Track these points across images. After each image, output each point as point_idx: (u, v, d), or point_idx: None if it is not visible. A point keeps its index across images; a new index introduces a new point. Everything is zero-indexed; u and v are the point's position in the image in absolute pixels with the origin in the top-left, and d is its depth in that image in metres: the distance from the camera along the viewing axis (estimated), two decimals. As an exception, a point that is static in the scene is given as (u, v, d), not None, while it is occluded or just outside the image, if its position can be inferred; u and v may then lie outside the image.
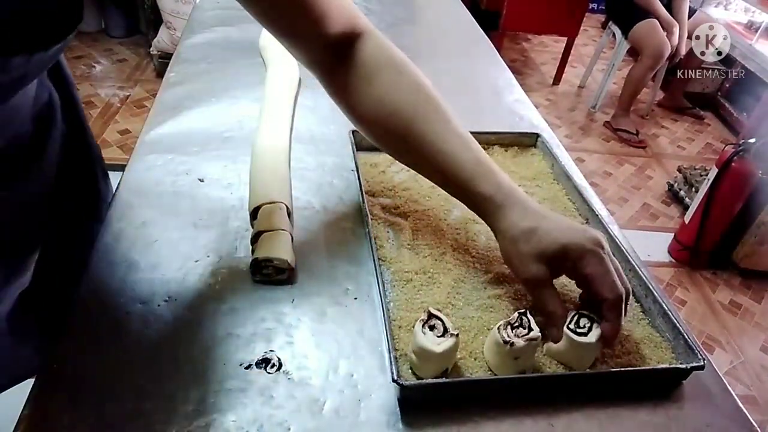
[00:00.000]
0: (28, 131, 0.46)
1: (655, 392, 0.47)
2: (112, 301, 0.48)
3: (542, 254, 0.47)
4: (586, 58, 3.50)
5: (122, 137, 2.32)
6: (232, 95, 0.80)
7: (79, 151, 0.58)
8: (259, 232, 0.53)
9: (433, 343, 0.42)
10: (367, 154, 0.69)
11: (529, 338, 0.43)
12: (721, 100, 3.21)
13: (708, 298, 1.99)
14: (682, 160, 2.71)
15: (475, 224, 0.61)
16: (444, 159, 0.51)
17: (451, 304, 0.51)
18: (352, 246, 0.57)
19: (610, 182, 2.56)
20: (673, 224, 2.30)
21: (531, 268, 0.47)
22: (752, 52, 2.56)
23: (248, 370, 0.44)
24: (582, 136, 2.89)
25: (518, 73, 3.29)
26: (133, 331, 0.46)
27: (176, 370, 0.43)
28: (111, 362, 0.43)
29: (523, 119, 0.85)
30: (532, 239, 0.47)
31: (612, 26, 2.95)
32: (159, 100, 0.77)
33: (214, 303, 0.49)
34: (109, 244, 0.53)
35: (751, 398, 1.65)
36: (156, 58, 2.73)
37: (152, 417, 0.40)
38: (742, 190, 1.90)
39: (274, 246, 0.51)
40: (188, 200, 0.60)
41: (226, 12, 1.06)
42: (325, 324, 0.49)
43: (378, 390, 0.44)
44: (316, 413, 0.42)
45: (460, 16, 1.29)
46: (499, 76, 1.00)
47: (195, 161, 0.66)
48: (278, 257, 0.50)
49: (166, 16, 2.59)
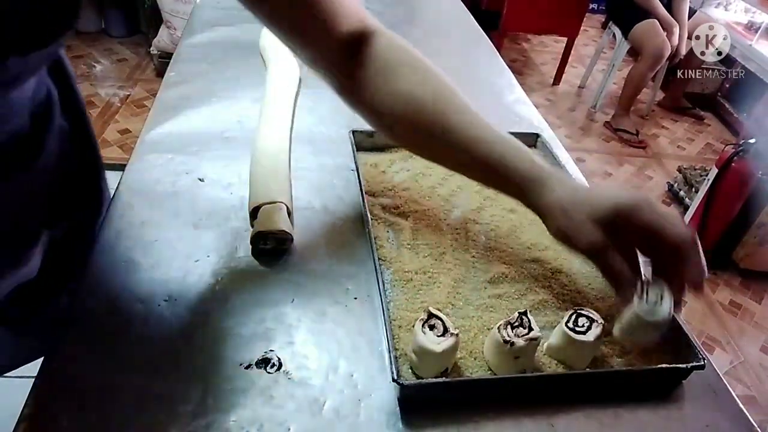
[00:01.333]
0: (26, 126, 0.47)
1: (655, 392, 0.47)
2: (112, 301, 0.48)
3: (595, 217, 0.45)
4: (586, 58, 3.50)
5: (122, 137, 2.32)
6: (232, 95, 0.80)
7: (80, 146, 0.58)
8: (256, 207, 0.55)
9: (433, 342, 0.42)
10: (367, 154, 0.69)
11: (530, 338, 0.43)
12: (721, 101, 3.21)
13: (708, 299, 1.99)
14: (682, 161, 2.71)
15: (475, 224, 0.61)
16: (472, 145, 0.50)
17: (451, 304, 0.51)
18: (352, 246, 0.57)
19: (610, 182, 2.56)
20: (673, 224, 2.29)
21: (589, 235, 0.46)
22: (752, 52, 2.56)
23: (248, 370, 0.44)
24: (582, 136, 2.89)
25: (518, 73, 3.29)
26: (133, 331, 0.46)
27: (176, 370, 0.43)
28: (111, 362, 0.43)
29: (523, 119, 0.86)
30: (583, 205, 0.46)
31: (612, 26, 2.95)
32: (159, 100, 0.77)
33: (214, 303, 0.49)
34: (109, 244, 0.53)
35: (751, 398, 1.65)
36: (156, 57, 2.73)
37: (152, 417, 0.40)
38: (742, 190, 1.90)
39: (273, 219, 0.53)
40: (188, 200, 0.60)
41: (226, 12, 1.06)
42: (325, 324, 0.49)
43: (378, 390, 0.44)
44: (316, 413, 0.42)
45: (460, 16, 1.29)
46: (499, 76, 1.00)
47: (195, 161, 0.66)
48: (278, 229, 0.52)
49: (166, 16, 2.59)
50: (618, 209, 0.45)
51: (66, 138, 0.54)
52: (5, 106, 0.41)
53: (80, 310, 0.47)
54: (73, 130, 0.56)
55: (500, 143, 0.50)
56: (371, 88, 0.52)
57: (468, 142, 0.51)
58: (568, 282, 0.55)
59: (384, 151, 0.71)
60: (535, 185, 0.49)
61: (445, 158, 0.55)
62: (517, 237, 0.60)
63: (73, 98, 0.56)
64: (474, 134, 0.51)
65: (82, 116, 0.58)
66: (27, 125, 0.47)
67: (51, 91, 0.52)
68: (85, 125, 0.59)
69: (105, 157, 0.67)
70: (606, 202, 0.46)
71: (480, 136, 0.51)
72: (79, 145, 0.58)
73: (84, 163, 0.60)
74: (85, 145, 0.59)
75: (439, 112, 0.51)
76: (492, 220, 0.62)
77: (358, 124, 0.60)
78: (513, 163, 0.49)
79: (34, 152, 0.48)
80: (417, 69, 0.53)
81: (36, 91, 0.48)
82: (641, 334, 0.45)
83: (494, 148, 0.50)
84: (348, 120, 0.77)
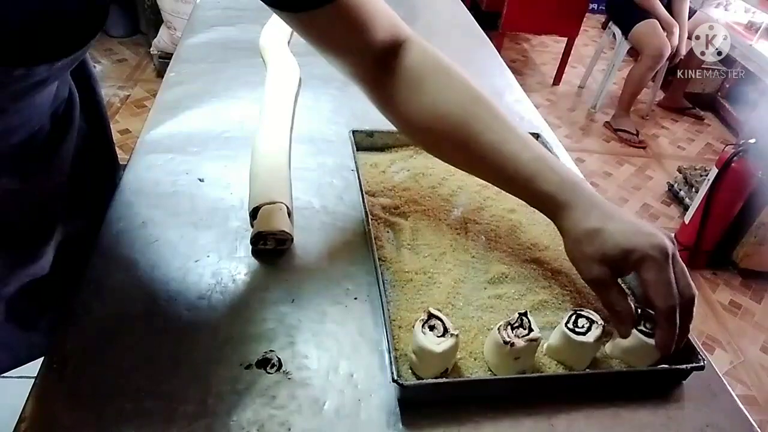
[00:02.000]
0: (46, 128, 0.46)
1: (655, 392, 0.47)
2: (112, 301, 0.48)
3: (604, 257, 0.46)
4: (586, 59, 3.50)
5: (122, 137, 2.32)
6: (232, 95, 0.80)
7: (98, 146, 0.58)
8: (256, 207, 0.55)
9: (433, 343, 0.42)
10: (367, 154, 0.69)
11: (530, 339, 0.43)
12: (721, 101, 3.21)
13: (708, 299, 1.99)
14: (682, 161, 2.71)
15: (475, 224, 0.61)
16: (503, 159, 0.50)
17: (451, 304, 0.51)
18: (352, 246, 0.57)
19: (610, 182, 2.56)
20: (673, 224, 2.30)
21: (593, 270, 0.47)
22: (752, 52, 2.55)
23: (248, 370, 0.44)
24: (582, 137, 2.89)
25: (518, 74, 3.29)
26: (133, 331, 0.46)
27: (176, 370, 0.43)
28: (111, 362, 0.43)
29: (523, 119, 0.86)
30: (596, 241, 0.46)
31: (612, 26, 2.95)
32: (159, 100, 0.77)
33: (214, 303, 0.49)
34: (109, 244, 0.53)
35: (751, 398, 1.65)
36: (156, 58, 2.73)
37: (152, 417, 0.40)
38: (742, 190, 1.90)
39: (273, 219, 0.53)
40: (188, 200, 0.60)
41: (227, 12, 1.06)
42: (325, 324, 0.49)
43: (378, 390, 0.44)
44: (316, 413, 0.42)
45: (460, 16, 1.29)
46: (499, 76, 1.00)
47: (195, 161, 0.66)
48: (278, 230, 0.52)
49: (166, 16, 2.59)
50: (626, 258, 0.45)
51: (85, 138, 0.54)
52: (29, 109, 0.41)
53: (80, 310, 0.47)
54: (91, 131, 0.56)
55: (529, 163, 0.50)
56: (403, 100, 0.52)
57: (498, 156, 0.51)
58: (568, 282, 0.55)
59: (384, 151, 0.71)
60: (559, 209, 0.49)
61: (477, 170, 0.55)
62: (517, 237, 0.60)
63: (94, 99, 0.56)
64: (505, 148, 0.50)
65: (101, 117, 0.58)
66: (47, 126, 0.47)
67: (73, 92, 0.51)
68: (104, 126, 0.59)
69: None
70: (617, 248, 0.46)
71: (509, 151, 0.50)
72: (97, 145, 0.58)
73: (100, 164, 0.60)
74: (102, 146, 0.59)
75: (470, 123, 0.51)
76: (492, 220, 0.62)
77: (357, 124, 0.60)
78: (542, 185, 0.49)
79: (53, 152, 0.48)
80: (449, 77, 0.52)
81: (58, 92, 0.47)
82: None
83: (526, 166, 0.50)
84: (348, 120, 0.77)
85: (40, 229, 0.51)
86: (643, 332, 0.46)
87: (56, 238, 0.53)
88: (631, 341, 0.46)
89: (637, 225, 0.46)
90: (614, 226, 0.46)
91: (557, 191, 0.49)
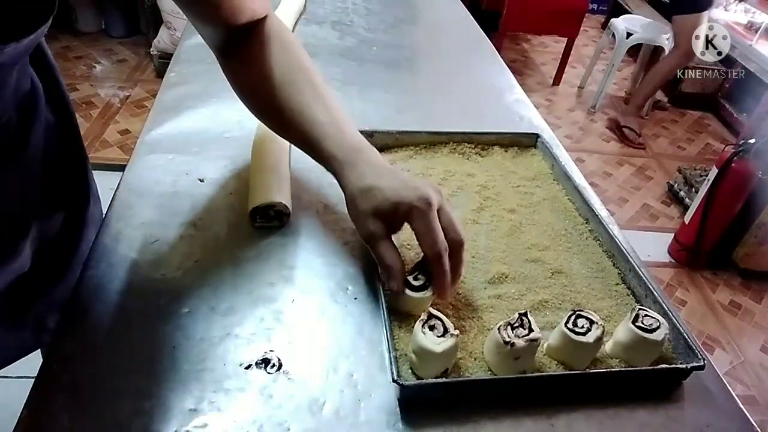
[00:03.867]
0: (12, 119, 0.47)
1: (655, 392, 0.47)
2: (112, 301, 0.48)
3: (376, 210, 0.49)
4: (586, 59, 3.50)
5: (122, 137, 2.32)
6: (232, 95, 0.79)
7: (66, 138, 0.59)
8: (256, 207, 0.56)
9: (433, 343, 0.42)
10: (367, 154, 0.69)
11: (530, 339, 0.43)
12: (721, 101, 3.21)
13: (708, 299, 1.99)
14: (682, 161, 2.71)
15: (474, 224, 0.61)
16: (303, 122, 0.54)
17: (451, 305, 0.51)
18: (352, 246, 0.57)
19: (610, 182, 2.56)
20: (673, 224, 2.30)
21: (369, 225, 0.49)
22: (752, 52, 2.56)
23: (248, 370, 0.44)
24: (582, 137, 2.89)
25: (518, 74, 3.29)
26: (132, 331, 0.46)
27: (176, 370, 0.43)
28: (110, 362, 0.43)
29: (523, 119, 0.85)
30: (368, 197, 0.49)
31: (612, 26, 2.95)
32: (159, 100, 0.77)
33: (214, 303, 0.49)
34: (109, 244, 0.53)
35: (751, 398, 1.65)
36: (156, 58, 2.73)
37: (152, 417, 0.40)
38: (742, 190, 1.90)
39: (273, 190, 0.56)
40: (188, 200, 0.60)
41: (226, 12, 1.06)
42: (325, 324, 0.49)
43: (378, 390, 0.44)
44: (315, 413, 0.42)
45: (460, 16, 1.29)
46: (499, 76, 1.00)
47: (195, 161, 0.66)
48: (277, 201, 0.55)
49: (166, 16, 2.59)
50: (395, 210, 0.48)
51: (52, 130, 0.55)
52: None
53: (80, 310, 0.47)
54: (58, 122, 0.56)
55: (323, 126, 0.54)
56: (244, 71, 0.58)
57: (299, 119, 0.55)
58: (568, 282, 0.55)
59: (384, 151, 0.71)
60: (340, 168, 0.52)
61: (290, 136, 0.59)
62: (517, 237, 0.60)
63: (58, 91, 0.57)
64: (307, 113, 0.54)
65: (66, 108, 0.59)
66: (14, 119, 0.47)
67: (35, 82, 0.52)
68: (70, 117, 0.59)
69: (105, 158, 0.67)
70: (386, 201, 0.49)
71: (310, 115, 0.54)
72: (65, 137, 0.58)
73: (70, 156, 0.60)
74: (70, 138, 0.60)
75: (290, 93, 0.55)
76: (492, 220, 0.62)
77: (357, 124, 0.60)
78: (326, 146, 0.53)
79: (21, 145, 0.49)
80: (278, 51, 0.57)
81: (20, 83, 0.48)
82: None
83: (316, 129, 0.54)
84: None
85: (15, 225, 0.51)
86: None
87: (33, 233, 0.53)
88: (631, 337, 0.46)
89: (405, 181, 0.50)
90: (385, 183, 0.50)
91: (337, 152, 0.53)
